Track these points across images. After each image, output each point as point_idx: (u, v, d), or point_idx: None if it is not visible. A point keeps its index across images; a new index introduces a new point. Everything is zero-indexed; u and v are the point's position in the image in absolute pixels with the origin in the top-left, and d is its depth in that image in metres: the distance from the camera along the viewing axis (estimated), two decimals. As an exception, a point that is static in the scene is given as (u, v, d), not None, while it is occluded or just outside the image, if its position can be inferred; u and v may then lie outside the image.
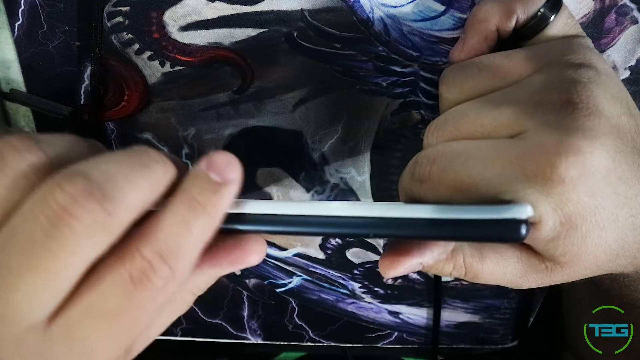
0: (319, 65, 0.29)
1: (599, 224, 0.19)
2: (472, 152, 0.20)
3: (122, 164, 0.17)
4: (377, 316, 0.39)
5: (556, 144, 0.18)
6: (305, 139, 0.31)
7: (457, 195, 0.20)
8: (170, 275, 0.17)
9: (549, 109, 0.19)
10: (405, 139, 0.31)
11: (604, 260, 0.20)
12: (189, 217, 0.17)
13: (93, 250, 0.16)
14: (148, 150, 0.18)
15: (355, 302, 0.38)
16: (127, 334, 0.17)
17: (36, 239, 0.16)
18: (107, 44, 0.28)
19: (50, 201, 0.16)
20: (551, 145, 0.18)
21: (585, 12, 0.27)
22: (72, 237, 0.16)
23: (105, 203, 0.16)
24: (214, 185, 0.17)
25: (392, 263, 0.21)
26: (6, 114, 0.31)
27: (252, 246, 0.19)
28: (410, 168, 0.22)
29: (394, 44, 0.28)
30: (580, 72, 0.20)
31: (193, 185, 0.18)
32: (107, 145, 0.32)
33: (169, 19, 0.28)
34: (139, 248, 0.17)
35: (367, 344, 0.39)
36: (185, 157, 0.32)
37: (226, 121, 0.31)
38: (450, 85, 0.23)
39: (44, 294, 0.16)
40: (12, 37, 0.28)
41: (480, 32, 0.24)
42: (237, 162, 0.18)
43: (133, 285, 0.16)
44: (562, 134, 0.18)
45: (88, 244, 0.16)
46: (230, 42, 0.28)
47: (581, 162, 0.18)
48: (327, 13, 0.27)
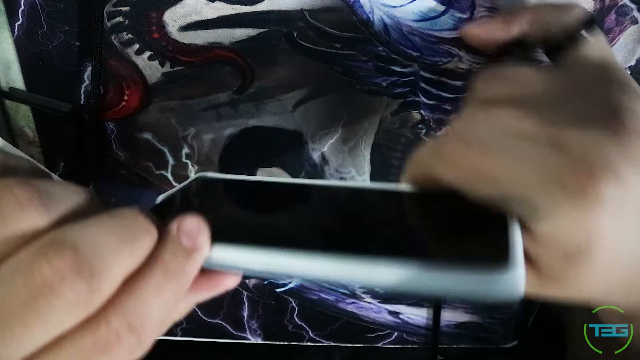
0: (319, 65, 0.29)
1: (615, 254, 0.18)
2: (513, 147, 0.19)
3: (111, 233, 0.17)
4: (377, 316, 0.39)
5: (602, 164, 0.18)
6: (305, 139, 0.31)
7: (482, 185, 0.19)
8: (136, 345, 0.17)
9: (597, 128, 0.19)
10: (405, 139, 0.31)
11: (601, 292, 0.20)
12: (162, 284, 0.17)
13: (67, 323, 0.16)
14: (137, 217, 0.18)
15: (355, 302, 0.38)
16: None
17: (12, 305, 0.15)
18: (107, 44, 0.28)
19: (35, 272, 0.15)
20: (597, 163, 0.18)
21: (585, 12, 0.27)
22: (50, 312, 0.15)
23: (91, 280, 0.16)
24: (186, 251, 0.17)
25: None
26: (6, 114, 0.31)
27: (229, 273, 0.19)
28: (437, 145, 0.21)
29: (394, 44, 0.28)
30: (625, 97, 0.20)
31: (166, 251, 0.17)
32: (107, 145, 0.32)
33: (169, 19, 0.28)
34: (109, 318, 0.16)
35: (367, 344, 0.39)
36: (185, 157, 0.32)
37: (226, 121, 0.31)
38: (491, 85, 0.22)
39: (5, 352, 0.15)
40: (12, 37, 0.28)
41: (508, 24, 0.24)
42: (206, 228, 0.18)
43: (95, 354, 0.16)
44: (609, 156, 0.18)
45: (64, 319, 0.16)
46: (230, 42, 0.28)
47: (622, 188, 0.18)
48: (327, 13, 0.27)
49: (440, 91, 0.30)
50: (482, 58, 0.29)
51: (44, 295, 0.15)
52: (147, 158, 0.32)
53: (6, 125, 0.31)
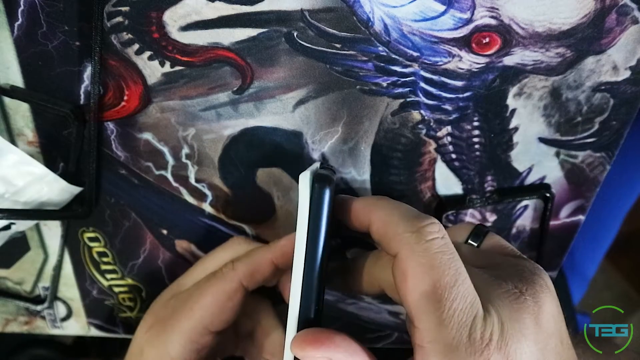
0: (319, 65, 0.29)
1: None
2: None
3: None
4: (377, 317, 0.39)
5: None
6: (305, 139, 0.31)
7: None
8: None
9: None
10: (405, 139, 0.31)
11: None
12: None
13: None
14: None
15: (355, 302, 0.38)
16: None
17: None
18: (107, 44, 0.28)
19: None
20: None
21: (585, 12, 0.27)
22: None
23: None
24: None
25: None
26: (5, 114, 0.31)
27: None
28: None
29: (394, 44, 0.28)
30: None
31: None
32: (107, 145, 0.32)
33: (168, 19, 0.27)
34: None
35: (368, 345, 0.39)
36: (185, 157, 0.32)
37: (226, 121, 0.31)
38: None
39: None
40: (11, 37, 0.28)
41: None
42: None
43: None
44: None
45: None
46: (230, 42, 0.28)
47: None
48: (327, 13, 0.27)
49: (440, 91, 0.30)
50: (483, 58, 0.29)
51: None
52: (147, 158, 0.32)
53: (5, 125, 0.31)
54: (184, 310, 0.30)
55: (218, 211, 0.34)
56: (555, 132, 0.31)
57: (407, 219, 0.22)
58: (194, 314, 0.29)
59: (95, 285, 0.38)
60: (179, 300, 0.31)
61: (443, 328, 0.20)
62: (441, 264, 0.21)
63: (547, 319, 0.22)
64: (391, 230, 0.22)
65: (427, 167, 0.33)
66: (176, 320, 0.30)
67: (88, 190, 0.33)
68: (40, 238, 0.36)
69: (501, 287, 0.22)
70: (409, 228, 0.22)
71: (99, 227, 0.35)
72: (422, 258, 0.21)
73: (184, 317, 0.30)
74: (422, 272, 0.21)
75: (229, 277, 0.30)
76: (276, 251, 0.30)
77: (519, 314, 0.21)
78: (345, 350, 0.22)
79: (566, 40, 0.28)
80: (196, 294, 0.30)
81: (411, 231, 0.22)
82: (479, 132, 0.31)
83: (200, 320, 0.29)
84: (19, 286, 0.38)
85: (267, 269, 0.30)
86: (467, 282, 0.21)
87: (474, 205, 0.34)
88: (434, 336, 0.20)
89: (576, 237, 0.37)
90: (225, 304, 0.30)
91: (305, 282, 0.23)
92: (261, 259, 0.30)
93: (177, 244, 0.36)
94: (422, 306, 0.20)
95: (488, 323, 0.20)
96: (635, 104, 0.30)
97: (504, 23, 0.27)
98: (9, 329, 0.40)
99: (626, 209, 0.56)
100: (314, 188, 0.23)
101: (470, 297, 0.20)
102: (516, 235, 0.36)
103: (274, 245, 0.31)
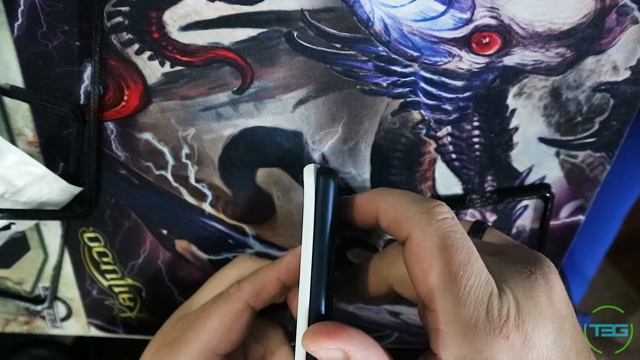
0: (319, 65, 0.29)
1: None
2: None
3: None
4: (377, 317, 0.39)
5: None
6: (305, 139, 0.31)
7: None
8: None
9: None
10: (405, 139, 0.31)
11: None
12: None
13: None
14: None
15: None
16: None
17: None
18: (107, 44, 0.28)
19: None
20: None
21: (585, 12, 0.27)
22: None
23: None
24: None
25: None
26: (5, 114, 0.31)
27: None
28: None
29: (394, 44, 0.28)
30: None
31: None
32: (107, 145, 0.32)
33: (168, 19, 0.27)
34: None
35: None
36: (185, 157, 0.32)
37: (226, 121, 0.31)
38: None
39: None
40: (11, 37, 0.28)
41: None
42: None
43: None
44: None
45: None
46: (230, 42, 0.28)
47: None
48: (327, 13, 0.27)
49: (440, 91, 0.30)
50: (483, 58, 0.29)
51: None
52: (147, 158, 0.32)
53: (5, 125, 0.31)
54: (190, 333, 0.29)
55: (218, 211, 0.34)
56: (555, 132, 0.31)
57: (415, 202, 0.22)
58: (200, 336, 0.29)
59: (95, 285, 0.38)
60: (186, 322, 0.30)
61: (460, 307, 0.20)
62: (454, 242, 0.21)
63: (559, 300, 0.21)
64: (401, 214, 0.22)
65: (427, 167, 0.33)
66: (183, 343, 0.29)
67: (88, 190, 0.33)
68: (40, 238, 0.36)
69: (512, 268, 0.22)
70: (419, 210, 0.22)
71: (99, 227, 0.35)
72: (435, 237, 0.21)
73: (191, 340, 0.29)
74: (436, 252, 0.21)
75: (235, 297, 0.30)
76: (282, 268, 0.30)
77: (533, 292, 0.21)
78: (359, 342, 0.21)
79: (566, 40, 0.28)
80: (203, 316, 0.30)
81: (421, 212, 0.22)
82: (479, 132, 0.31)
83: (207, 344, 0.29)
84: (19, 286, 0.38)
85: (273, 286, 0.30)
86: (479, 260, 0.21)
87: (474, 205, 0.34)
88: (451, 316, 0.20)
89: (576, 237, 0.37)
90: (232, 325, 0.29)
91: (314, 277, 0.22)
92: (267, 277, 0.30)
93: (177, 244, 0.36)
94: (439, 286, 0.20)
95: (504, 300, 0.20)
96: (635, 104, 0.30)
97: (504, 23, 0.27)
98: (9, 329, 0.40)
99: (626, 209, 0.56)
100: (318, 180, 0.23)
101: (484, 275, 0.20)
102: (516, 235, 0.36)
103: (279, 262, 0.31)
